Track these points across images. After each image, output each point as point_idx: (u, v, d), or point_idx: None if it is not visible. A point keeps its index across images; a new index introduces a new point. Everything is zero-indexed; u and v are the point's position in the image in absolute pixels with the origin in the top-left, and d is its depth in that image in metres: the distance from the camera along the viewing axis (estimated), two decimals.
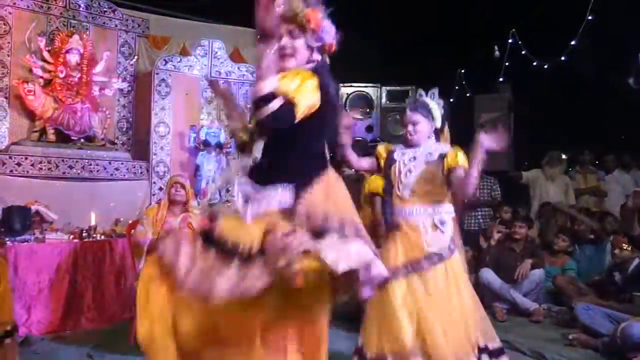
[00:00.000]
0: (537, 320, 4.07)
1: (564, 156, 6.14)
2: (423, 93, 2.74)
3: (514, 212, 5.31)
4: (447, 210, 2.60)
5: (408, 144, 2.66)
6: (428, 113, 2.63)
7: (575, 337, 3.50)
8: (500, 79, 7.34)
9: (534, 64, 6.64)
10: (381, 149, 2.78)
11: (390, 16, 7.83)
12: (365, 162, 2.81)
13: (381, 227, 3.04)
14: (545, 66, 6.56)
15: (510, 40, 6.94)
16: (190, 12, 5.86)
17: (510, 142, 7.32)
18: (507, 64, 7.06)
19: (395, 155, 2.67)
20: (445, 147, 2.64)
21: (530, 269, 4.36)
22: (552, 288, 4.44)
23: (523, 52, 6.69)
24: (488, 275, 4.35)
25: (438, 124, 2.67)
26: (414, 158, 2.61)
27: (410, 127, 2.62)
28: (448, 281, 2.46)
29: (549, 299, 4.46)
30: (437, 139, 2.69)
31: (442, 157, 2.58)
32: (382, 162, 2.72)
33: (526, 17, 6.72)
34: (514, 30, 6.93)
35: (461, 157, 2.55)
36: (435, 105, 2.68)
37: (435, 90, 2.73)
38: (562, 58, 6.29)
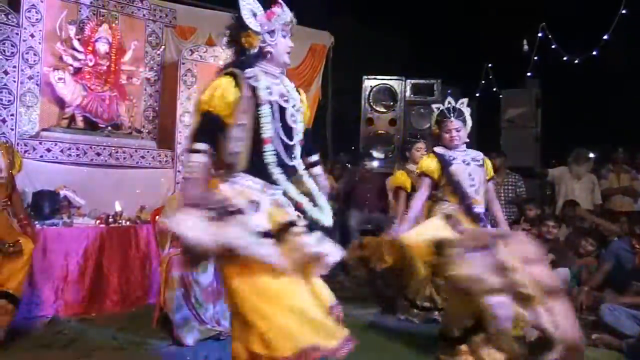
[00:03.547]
0: None
1: (591, 154, 5.97)
2: (452, 101, 3.12)
3: (541, 210, 5.23)
4: None
5: (449, 147, 3.07)
6: (464, 120, 3.07)
7: (598, 337, 3.44)
8: (529, 74, 7.19)
9: (565, 58, 6.49)
10: (429, 163, 3.12)
11: (416, 8, 7.74)
12: (419, 202, 3.14)
13: (400, 219, 3.19)
14: (576, 61, 6.40)
15: (540, 35, 6.78)
16: (216, 3, 5.89)
17: (537, 138, 7.27)
18: (535, 58, 6.91)
19: (448, 158, 3.06)
20: (479, 153, 3.14)
21: (553, 266, 4.29)
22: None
23: (553, 47, 6.53)
24: None
25: (469, 130, 3.12)
26: (465, 161, 3.06)
27: (454, 133, 3.04)
28: None
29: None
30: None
31: (482, 161, 3.11)
32: (435, 175, 3.07)
33: (557, 10, 6.57)
34: (544, 24, 6.78)
35: (492, 169, 3.15)
36: (468, 113, 3.11)
37: (465, 100, 3.14)
38: (594, 53, 6.13)
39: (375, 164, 6.50)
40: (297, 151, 2.07)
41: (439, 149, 3.09)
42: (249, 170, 1.94)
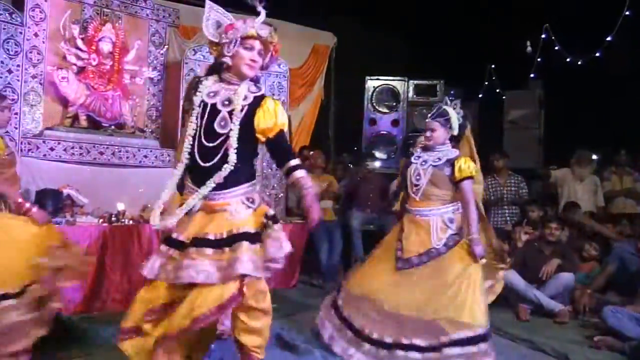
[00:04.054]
0: (562, 322, 4.00)
1: (594, 156, 5.96)
2: (448, 101, 3.12)
3: (544, 212, 5.21)
4: (454, 209, 3.01)
5: (425, 148, 3.10)
6: (446, 122, 3.01)
7: (601, 339, 3.44)
8: (532, 75, 7.19)
9: (568, 60, 6.48)
10: (402, 161, 3.39)
11: (419, 8, 7.74)
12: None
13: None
14: (580, 62, 6.39)
15: (543, 36, 6.78)
16: (219, 3, 5.90)
17: (540, 139, 7.26)
18: (539, 59, 6.91)
19: (413, 159, 3.13)
20: (453, 153, 3.03)
21: (558, 271, 4.26)
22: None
23: (556, 48, 6.53)
24: (512, 276, 4.23)
25: (455, 132, 3.05)
26: (425, 162, 3.05)
27: (428, 133, 3.05)
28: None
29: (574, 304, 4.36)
30: (456, 144, 3.09)
31: (450, 162, 2.99)
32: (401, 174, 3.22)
33: (560, 11, 6.56)
34: (547, 25, 6.77)
35: (467, 169, 2.94)
36: (455, 115, 3.03)
37: (458, 101, 3.11)
38: (597, 54, 6.12)
39: (377, 164, 6.50)
40: (221, 156, 2.12)
41: (416, 151, 3.15)
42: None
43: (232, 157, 2.11)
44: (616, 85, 7.02)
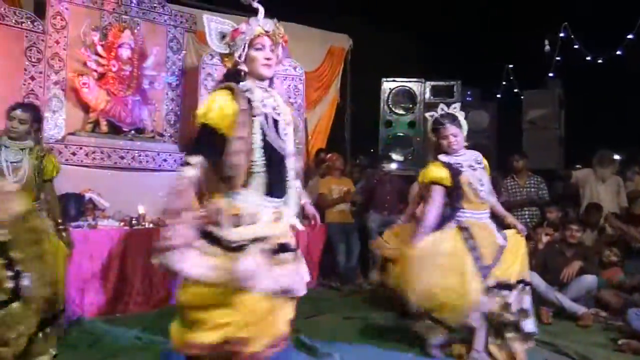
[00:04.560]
0: (585, 325, 3.93)
1: (616, 156, 5.84)
2: (445, 107, 3.16)
3: (565, 213, 5.12)
4: None
5: (449, 153, 3.06)
6: (460, 125, 3.08)
7: (625, 342, 3.36)
8: (551, 74, 7.09)
9: (588, 58, 6.38)
10: (439, 171, 3.08)
11: (435, 8, 7.69)
12: (435, 211, 3.13)
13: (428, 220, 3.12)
14: (600, 61, 6.29)
15: (562, 34, 6.69)
16: (235, 8, 5.95)
17: (560, 140, 7.15)
18: (558, 58, 6.81)
19: (455, 166, 3.05)
20: (477, 153, 3.14)
21: (580, 273, 4.19)
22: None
23: (576, 46, 6.43)
24: (533, 278, 4.16)
25: (464, 133, 3.13)
26: (471, 166, 3.06)
27: (452, 139, 3.03)
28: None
29: (598, 304, 4.29)
30: None
31: (479, 162, 3.09)
32: (448, 183, 3.03)
33: (580, 10, 6.46)
34: (566, 23, 6.68)
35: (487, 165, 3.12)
36: (462, 117, 3.13)
37: (458, 105, 3.19)
38: (618, 52, 6.01)
39: (393, 166, 6.48)
40: (291, 163, 2.08)
41: (443, 157, 3.06)
42: (248, 184, 1.97)
43: (292, 165, 2.07)
44: (637, 83, 6.89)
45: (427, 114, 3.35)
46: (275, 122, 2.05)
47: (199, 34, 5.72)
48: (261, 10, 2.12)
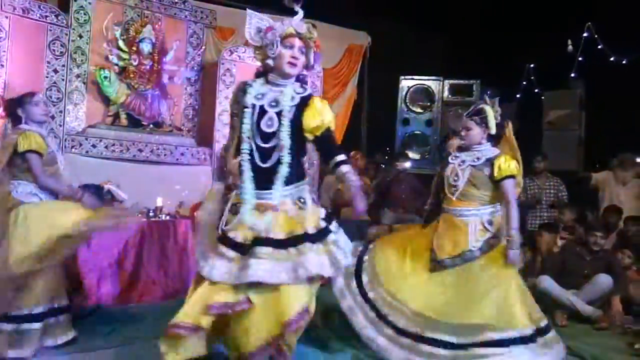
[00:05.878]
0: (601, 328, 3.87)
1: (638, 159, 5.73)
2: (487, 99, 3.04)
3: (581, 216, 5.04)
4: (493, 210, 2.91)
5: (462, 148, 3.04)
6: (482, 120, 2.93)
7: None
8: (572, 75, 6.97)
9: (611, 59, 6.26)
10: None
11: (455, 6, 7.61)
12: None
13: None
14: (624, 62, 6.17)
15: (585, 34, 6.57)
16: (255, 4, 5.98)
17: (581, 141, 7.03)
18: (580, 59, 6.70)
19: (450, 159, 3.05)
20: (493, 152, 2.94)
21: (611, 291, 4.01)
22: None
23: (599, 47, 6.31)
24: (546, 281, 4.08)
25: (492, 131, 2.95)
26: (463, 162, 2.96)
27: (463, 132, 2.99)
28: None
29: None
30: (495, 144, 2.99)
31: (490, 161, 2.90)
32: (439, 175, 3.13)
33: (604, 9, 6.34)
34: (589, 23, 6.56)
35: (507, 168, 2.85)
36: (492, 114, 2.94)
37: (496, 100, 3.02)
38: None
39: (408, 164, 6.46)
40: (277, 155, 2.20)
41: (456, 150, 3.09)
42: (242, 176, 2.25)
43: (286, 158, 2.19)
44: None
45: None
46: (263, 112, 2.21)
47: (218, 29, 5.77)
48: (300, 13, 2.23)
